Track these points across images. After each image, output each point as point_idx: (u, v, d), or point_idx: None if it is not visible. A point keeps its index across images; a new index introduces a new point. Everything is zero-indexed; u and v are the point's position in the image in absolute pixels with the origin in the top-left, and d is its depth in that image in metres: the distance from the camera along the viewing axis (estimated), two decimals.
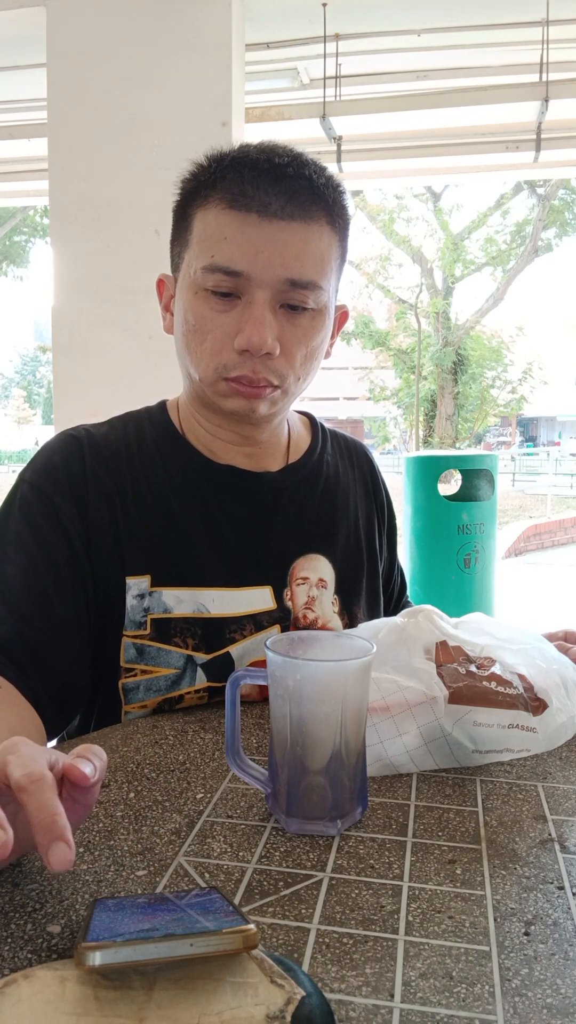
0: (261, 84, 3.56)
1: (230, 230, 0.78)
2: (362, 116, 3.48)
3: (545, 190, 14.52)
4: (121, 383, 2.88)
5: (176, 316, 0.87)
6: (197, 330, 0.82)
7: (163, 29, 2.89)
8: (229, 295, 0.80)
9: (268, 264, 0.78)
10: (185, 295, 0.83)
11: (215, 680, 0.86)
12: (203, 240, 0.81)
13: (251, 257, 0.78)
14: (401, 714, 0.67)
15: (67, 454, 0.86)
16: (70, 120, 2.97)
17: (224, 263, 0.78)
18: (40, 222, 13.69)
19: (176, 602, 0.85)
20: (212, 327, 0.81)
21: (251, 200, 0.78)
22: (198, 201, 0.82)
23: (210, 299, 0.81)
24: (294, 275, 0.79)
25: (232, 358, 0.81)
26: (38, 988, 0.38)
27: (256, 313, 0.79)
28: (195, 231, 0.82)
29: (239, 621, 0.87)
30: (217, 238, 0.79)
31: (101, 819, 0.60)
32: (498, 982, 0.43)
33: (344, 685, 0.58)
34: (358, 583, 0.98)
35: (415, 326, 16.93)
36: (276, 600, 0.90)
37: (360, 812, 0.60)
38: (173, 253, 0.88)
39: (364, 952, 0.45)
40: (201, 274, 0.80)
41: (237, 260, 0.78)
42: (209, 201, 0.80)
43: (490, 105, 3.39)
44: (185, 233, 0.84)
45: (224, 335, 0.81)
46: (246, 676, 0.60)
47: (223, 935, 0.38)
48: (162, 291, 0.91)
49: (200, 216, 0.81)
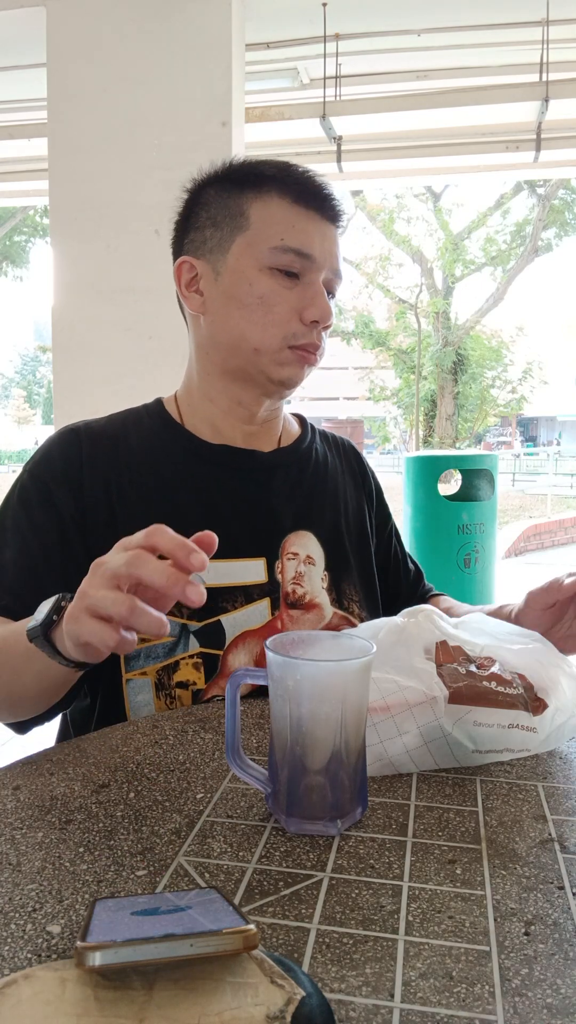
0: (261, 84, 3.56)
1: (299, 221, 0.92)
2: (362, 116, 3.48)
3: (545, 190, 14.52)
4: (121, 383, 2.88)
5: (227, 292, 0.93)
6: (264, 302, 0.91)
7: (163, 29, 2.89)
8: (293, 275, 0.92)
9: (327, 252, 0.93)
10: (247, 272, 0.92)
11: (207, 646, 0.90)
12: (269, 225, 0.91)
13: (317, 244, 0.92)
14: (401, 714, 0.67)
15: (64, 445, 0.95)
16: (70, 120, 2.97)
17: (297, 245, 0.91)
18: (40, 222, 13.70)
19: None
20: (279, 300, 0.91)
21: (312, 201, 0.93)
22: (251, 193, 0.93)
23: (276, 276, 0.91)
24: (338, 266, 0.96)
25: (299, 328, 0.92)
26: (38, 988, 0.38)
27: (320, 290, 0.93)
28: (254, 217, 0.92)
29: (231, 591, 0.93)
30: (285, 225, 0.91)
31: (101, 819, 0.60)
32: (498, 982, 0.43)
33: (344, 685, 0.58)
34: (347, 561, 1.02)
35: (415, 326, 16.93)
36: (268, 573, 0.95)
37: (360, 812, 0.60)
38: (201, 236, 0.96)
39: (364, 952, 0.45)
40: (269, 253, 0.91)
41: (307, 244, 0.91)
42: (267, 193, 0.92)
43: (490, 105, 3.38)
44: (238, 219, 0.93)
45: (290, 308, 0.92)
46: (246, 676, 0.60)
47: (223, 935, 0.38)
48: (181, 274, 0.98)
49: (260, 205, 0.92)
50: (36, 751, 0.73)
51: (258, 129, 3.48)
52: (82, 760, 0.71)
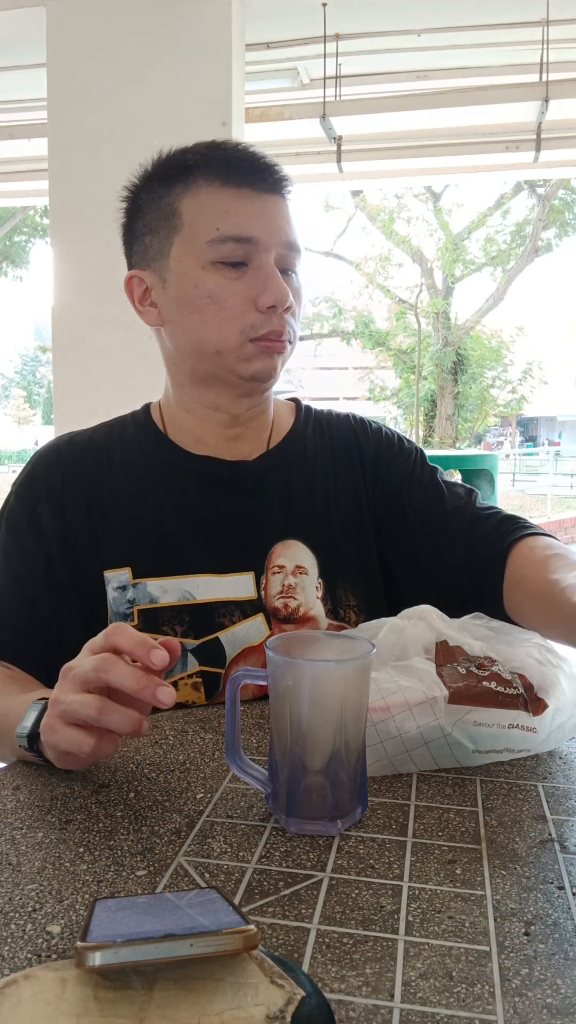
0: (261, 84, 3.56)
1: (230, 203, 0.85)
2: (362, 116, 3.48)
3: (545, 190, 14.51)
4: (121, 383, 2.87)
5: (176, 298, 0.88)
6: (214, 299, 0.86)
7: (163, 29, 2.89)
8: (238, 264, 0.85)
9: (271, 228, 0.86)
10: (190, 274, 0.86)
11: (207, 664, 0.88)
12: (202, 217, 0.86)
13: (257, 223, 0.85)
14: (401, 714, 0.67)
15: (47, 464, 0.94)
16: (70, 120, 2.97)
17: (234, 232, 0.85)
18: (40, 222, 13.69)
19: (161, 592, 0.89)
20: (229, 294, 0.85)
21: (240, 177, 0.86)
22: (179, 188, 0.87)
23: (221, 269, 0.85)
24: (290, 238, 0.88)
25: (257, 318, 0.86)
26: (38, 989, 0.38)
27: (272, 272, 0.86)
28: (185, 214, 0.87)
29: (227, 606, 0.90)
30: (218, 212, 0.85)
31: (101, 819, 0.60)
32: (498, 982, 0.43)
33: (344, 685, 0.58)
34: (342, 565, 0.95)
35: (415, 326, 16.92)
36: (256, 588, 0.91)
37: (360, 812, 0.60)
38: (142, 245, 0.92)
39: (364, 952, 0.45)
40: (207, 248, 0.85)
41: (245, 227, 0.85)
42: (195, 184, 0.86)
43: (490, 105, 3.38)
44: (171, 219, 0.88)
45: (243, 300, 0.85)
46: (246, 676, 0.60)
47: (223, 935, 0.38)
48: (132, 289, 0.94)
49: (189, 199, 0.86)
50: None
51: (258, 129, 3.48)
52: None
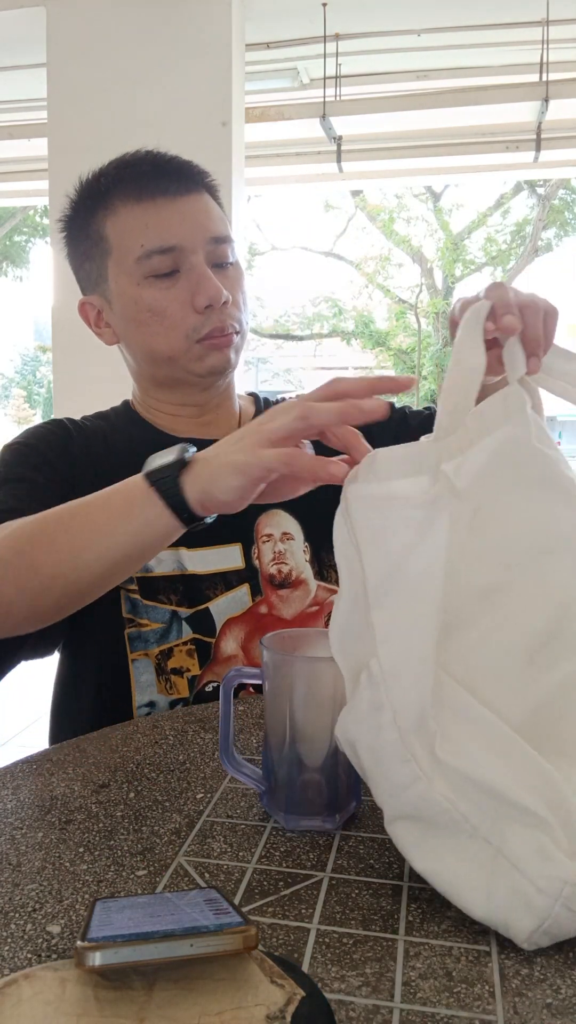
0: (261, 84, 3.56)
1: (147, 217, 0.88)
2: (362, 116, 3.48)
3: (545, 190, 14.51)
4: (121, 383, 2.87)
5: (122, 316, 0.93)
6: (154, 312, 0.89)
7: (163, 29, 2.89)
8: (169, 274, 0.88)
9: (192, 230, 0.89)
10: (127, 292, 0.90)
11: (199, 633, 0.91)
12: (125, 238, 0.89)
13: (176, 230, 0.88)
14: None
15: (53, 426, 0.95)
16: (70, 120, 2.97)
17: (156, 244, 0.88)
18: (40, 222, 13.68)
19: (156, 562, 0.91)
20: (167, 303, 0.89)
21: (152, 188, 0.89)
22: (101, 213, 0.91)
23: (155, 283, 0.89)
24: (215, 232, 0.90)
25: (197, 319, 0.89)
26: (38, 988, 0.38)
27: (202, 272, 0.88)
28: (111, 237, 0.90)
29: (212, 579, 0.93)
30: (139, 229, 0.88)
31: (101, 819, 0.60)
32: (498, 982, 0.43)
33: (340, 681, 0.58)
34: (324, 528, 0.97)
35: (415, 326, 16.93)
36: (245, 559, 0.94)
37: (354, 805, 0.60)
38: (85, 272, 0.96)
39: (364, 952, 0.45)
40: (137, 265, 0.88)
41: (167, 237, 0.88)
42: (113, 207, 0.90)
43: (490, 105, 3.38)
44: (100, 244, 0.92)
45: (181, 305, 0.89)
46: (239, 677, 0.61)
47: (223, 935, 0.38)
48: (87, 314, 0.98)
49: (111, 223, 0.90)
50: (36, 751, 0.73)
51: (258, 129, 3.48)
52: (82, 760, 0.71)
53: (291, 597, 0.95)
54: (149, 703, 0.90)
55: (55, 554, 0.67)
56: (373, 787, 0.51)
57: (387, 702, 0.49)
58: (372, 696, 0.50)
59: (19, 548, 0.68)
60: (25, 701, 3.79)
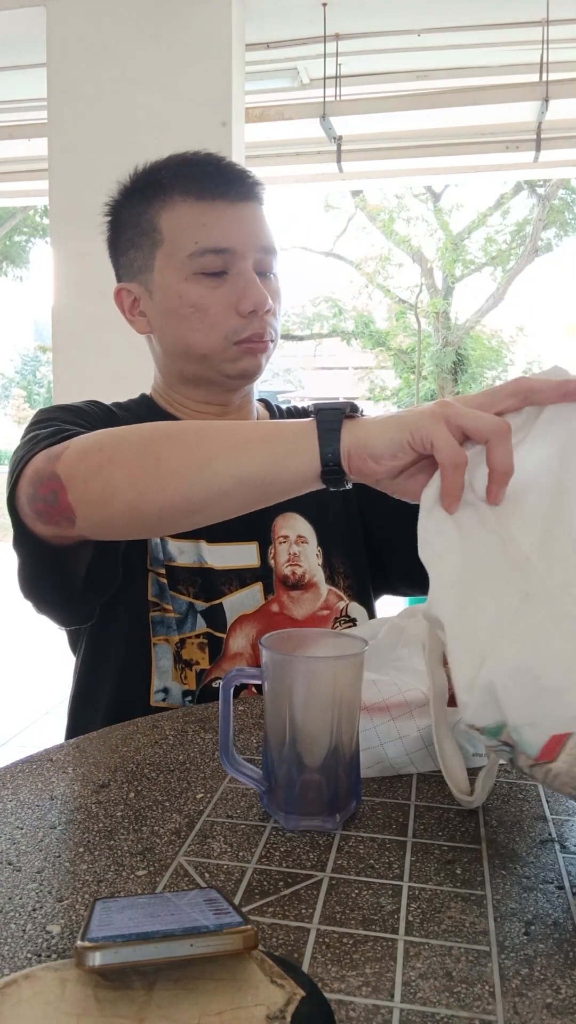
0: (261, 84, 3.55)
1: (205, 217, 0.90)
2: (362, 116, 3.47)
3: (545, 190, 14.51)
4: (121, 383, 2.87)
5: (162, 308, 0.94)
6: (198, 309, 0.91)
7: (163, 29, 2.89)
8: (218, 273, 0.90)
9: (246, 236, 0.91)
10: (173, 286, 0.92)
11: (212, 627, 0.92)
12: (180, 233, 0.91)
13: (231, 234, 0.91)
14: (401, 716, 0.67)
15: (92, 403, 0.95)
16: (70, 120, 2.97)
17: (212, 244, 0.90)
18: (40, 222, 13.69)
19: (179, 552, 0.94)
20: (211, 303, 0.90)
21: (214, 190, 0.91)
22: (157, 205, 0.92)
23: (202, 280, 0.91)
24: (265, 242, 0.93)
25: (239, 322, 0.91)
26: (38, 988, 0.38)
27: (250, 279, 0.91)
28: (165, 229, 0.92)
29: (228, 575, 0.94)
30: (196, 226, 0.90)
31: (101, 819, 0.60)
32: (498, 982, 0.43)
33: (339, 682, 0.58)
34: (334, 536, 1.02)
35: (415, 326, 16.92)
36: (260, 558, 0.96)
37: (354, 805, 0.60)
38: (128, 259, 0.97)
39: (364, 952, 0.45)
40: (188, 261, 0.90)
41: (222, 239, 0.90)
42: (171, 200, 0.91)
43: (490, 105, 3.38)
44: (152, 235, 0.93)
45: (225, 306, 0.91)
46: (239, 677, 0.61)
47: (223, 935, 0.38)
48: (122, 300, 0.99)
49: (167, 215, 0.92)
50: (36, 751, 0.73)
51: (258, 129, 3.48)
52: (82, 760, 0.71)
53: (302, 599, 0.96)
54: (164, 689, 0.91)
55: (185, 452, 0.65)
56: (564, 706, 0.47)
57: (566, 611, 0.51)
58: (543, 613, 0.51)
59: (148, 437, 0.67)
60: (25, 701, 3.80)
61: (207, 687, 0.91)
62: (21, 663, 4.42)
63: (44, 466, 0.72)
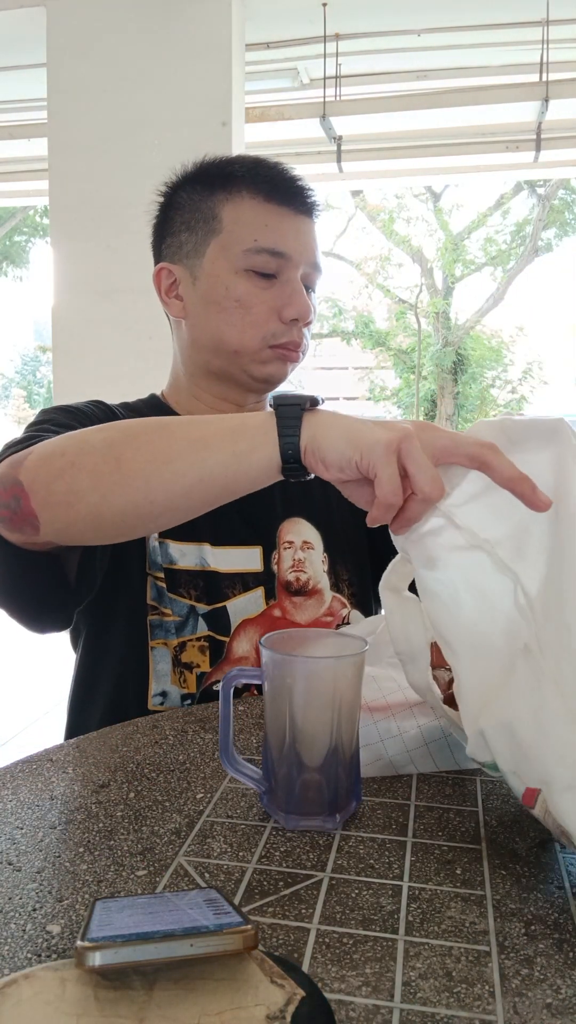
0: (261, 84, 3.56)
1: (271, 219, 0.92)
2: (362, 116, 3.48)
3: (545, 190, 14.51)
4: (121, 383, 2.88)
5: (205, 296, 0.93)
6: (242, 305, 0.91)
7: (163, 29, 2.89)
8: (269, 275, 0.92)
9: (302, 248, 0.93)
10: (222, 277, 0.92)
11: (214, 631, 0.92)
12: (241, 227, 0.91)
13: (291, 241, 0.92)
14: (401, 713, 0.67)
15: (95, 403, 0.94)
16: (70, 120, 2.97)
17: (270, 245, 0.91)
18: (40, 222, 13.68)
19: (180, 555, 0.93)
20: (257, 301, 0.91)
21: (284, 197, 0.92)
22: (222, 193, 0.93)
23: (253, 277, 0.91)
24: (316, 260, 0.95)
25: (279, 327, 0.92)
26: (38, 988, 0.38)
27: (299, 288, 0.92)
28: (226, 220, 0.92)
29: (231, 578, 0.94)
30: (258, 224, 0.91)
31: (101, 819, 0.60)
32: (498, 982, 0.43)
33: (339, 681, 0.58)
34: (340, 542, 1.02)
35: (415, 326, 16.93)
36: (264, 562, 0.95)
37: (354, 805, 0.60)
38: (178, 241, 0.96)
39: (364, 952, 0.45)
40: (243, 256, 0.91)
41: (281, 243, 0.91)
42: (238, 193, 0.92)
43: (490, 105, 3.38)
44: (211, 222, 0.93)
45: (269, 309, 0.92)
46: (240, 676, 0.61)
47: (223, 935, 0.38)
48: (160, 280, 0.98)
49: (231, 207, 0.92)
50: (36, 751, 0.73)
51: (258, 129, 3.48)
52: (82, 760, 0.71)
53: (305, 605, 0.96)
54: (162, 692, 0.91)
55: (146, 452, 0.64)
56: (534, 765, 0.50)
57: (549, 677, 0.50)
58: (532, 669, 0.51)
59: (110, 439, 0.67)
60: (25, 701, 3.80)
61: (208, 689, 0.91)
62: (21, 663, 4.42)
63: (7, 472, 0.71)
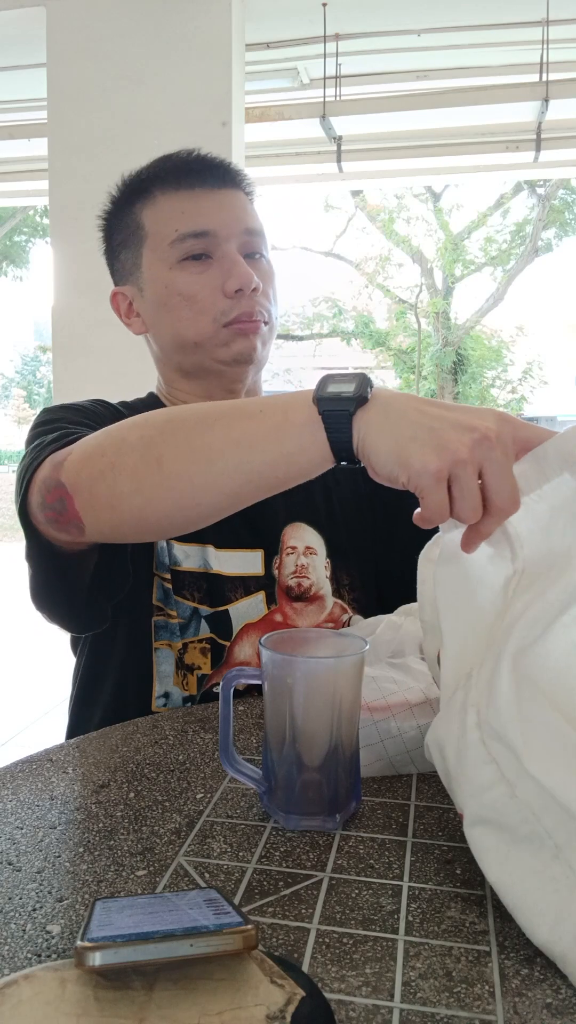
0: (261, 84, 3.55)
1: (184, 204, 0.91)
2: (362, 116, 3.47)
3: (545, 190, 14.50)
4: (121, 383, 2.87)
5: (153, 302, 0.94)
6: (185, 296, 0.91)
7: (163, 29, 2.89)
8: (202, 256, 0.91)
9: (227, 219, 0.92)
10: (160, 277, 0.92)
11: (216, 634, 0.92)
12: (162, 224, 0.92)
13: (212, 217, 0.91)
14: (401, 713, 0.67)
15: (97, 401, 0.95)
16: (70, 120, 2.96)
17: (191, 228, 0.90)
18: (40, 222, 13.68)
19: (184, 556, 0.93)
20: (198, 287, 0.91)
21: (192, 179, 0.92)
22: (139, 202, 0.94)
23: (187, 266, 0.91)
24: (248, 224, 0.93)
25: (226, 303, 0.90)
26: (38, 989, 0.38)
27: (235, 259, 0.91)
28: (148, 225, 0.93)
29: (233, 581, 0.93)
30: (175, 214, 0.91)
31: (101, 819, 0.60)
32: (498, 982, 0.43)
33: (339, 681, 0.58)
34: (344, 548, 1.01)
35: (415, 326, 16.92)
36: (265, 566, 0.95)
37: (354, 805, 0.60)
38: (120, 263, 0.98)
39: (364, 952, 0.45)
40: (170, 249, 0.91)
41: (201, 223, 0.90)
42: (152, 196, 0.93)
43: (490, 105, 3.38)
44: (137, 233, 0.94)
45: (212, 289, 0.90)
46: (240, 676, 0.61)
47: (223, 935, 0.38)
48: (118, 304, 1.00)
49: (149, 211, 0.93)
50: (36, 751, 0.73)
51: (258, 129, 3.48)
52: (82, 760, 0.71)
53: (306, 610, 0.95)
54: (165, 694, 0.91)
55: (188, 451, 0.60)
56: (456, 790, 0.51)
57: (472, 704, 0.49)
58: (464, 698, 0.50)
59: (148, 437, 0.63)
60: (25, 701, 3.80)
61: (208, 691, 0.91)
62: (21, 663, 4.42)
63: (50, 474, 0.71)
